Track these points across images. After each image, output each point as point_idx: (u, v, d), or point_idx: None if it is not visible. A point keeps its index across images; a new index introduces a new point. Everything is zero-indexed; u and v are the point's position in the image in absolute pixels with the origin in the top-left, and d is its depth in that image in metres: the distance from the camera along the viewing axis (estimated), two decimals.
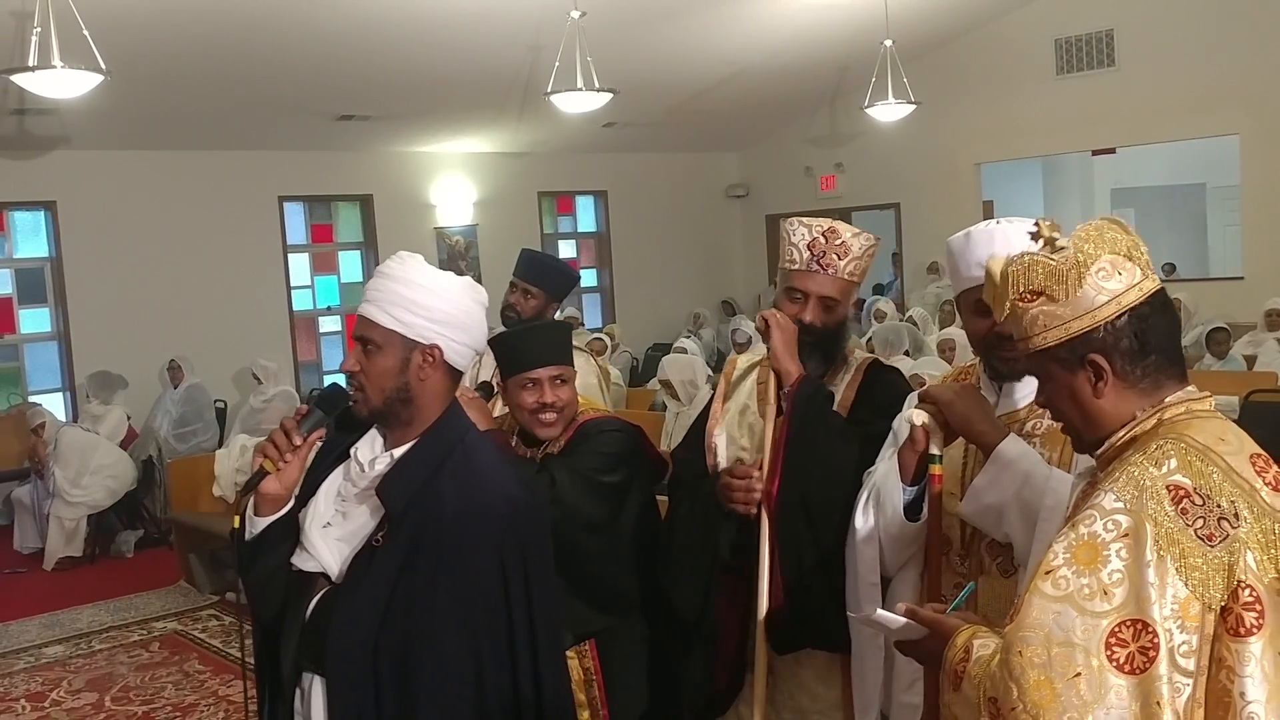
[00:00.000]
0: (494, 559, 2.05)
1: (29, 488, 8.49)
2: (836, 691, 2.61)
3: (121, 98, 7.95)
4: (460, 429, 2.18)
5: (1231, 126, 10.97)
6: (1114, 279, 1.60)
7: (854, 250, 2.66)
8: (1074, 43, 11.69)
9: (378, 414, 2.13)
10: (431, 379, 2.12)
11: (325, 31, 8.40)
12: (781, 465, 2.53)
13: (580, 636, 2.83)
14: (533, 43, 9.04)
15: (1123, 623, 1.43)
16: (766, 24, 10.18)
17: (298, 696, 2.15)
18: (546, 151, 13.10)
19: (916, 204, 13.27)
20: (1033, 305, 1.63)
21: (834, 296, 2.65)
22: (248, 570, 2.18)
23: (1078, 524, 1.51)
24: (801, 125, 14.00)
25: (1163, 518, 1.46)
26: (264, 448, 2.15)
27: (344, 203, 12.19)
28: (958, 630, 1.66)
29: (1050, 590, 1.48)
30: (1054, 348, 1.62)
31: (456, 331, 2.13)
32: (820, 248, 2.65)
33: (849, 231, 2.68)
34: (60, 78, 6.04)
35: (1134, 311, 1.60)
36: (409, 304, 2.09)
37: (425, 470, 2.09)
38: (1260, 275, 10.77)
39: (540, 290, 4.34)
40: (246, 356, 10.03)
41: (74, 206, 10.13)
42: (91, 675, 5.92)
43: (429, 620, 2.02)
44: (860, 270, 2.70)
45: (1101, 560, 1.46)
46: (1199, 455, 1.52)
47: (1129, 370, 1.60)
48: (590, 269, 14.32)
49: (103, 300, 10.20)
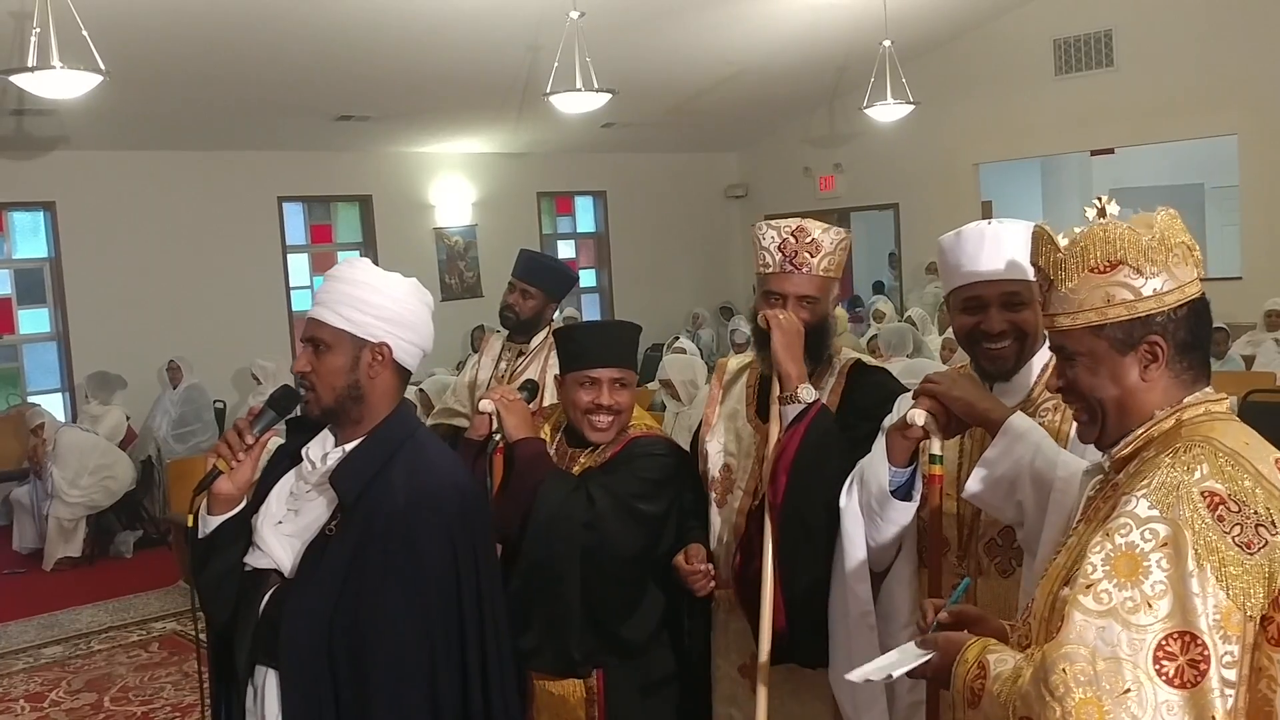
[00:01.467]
0: (445, 544, 2.08)
1: (28, 488, 8.49)
2: (827, 706, 2.59)
3: (120, 98, 7.95)
4: (410, 425, 2.22)
5: (1230, 127, 10.97)
6: (1181, 269, 1.59)
7: (825, 246, 2.65)
8: (1073, 43, 11.70)
9: (329, 413, 2.17)
10: (381, 377, 2.16)
11: (324, 32, 8.40)
12: (786, 483, 2.48)
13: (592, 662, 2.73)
14: (532, 43, 9.04)
15: (1170, 635, 1.40)
16: (765, 24, 10.18)
17: (250, 694, 2.15)
18: (546, 152, 13.10)
19: (915, 204, 13.27)
20: (1108, 276, 1.59)
21: (812, 294, 2.64)
22: (200, 570, 2.21)
23: (1112, 533, 1.47)
24: (800, 125, 14.00)
25: (1201, 525, 1.43)
26: (217, 447, 2.20)
27: (343, 203, 12.19)
28: (966, 645, 1.62)
29: (1092, 605, 1.43)
30: (1112, 325, 1.58)
31: (404, 330, 2.17)
32: (791, 248, 2.64)
33: (818, 228, 2.67)
34: (59, 78, 6.04)
35: (1193, 305, 1.59)
36: (357, 303, 2.14)
37: (377, 462, 2.12)
38: (1259, 275, 10.77)
39: (539, 290, 4.33)
40: (245, 357, 10.04)
41: (73, 207, 10.13)
42: (90, 676, 5.92)
43: (382, 608, 2.04)
44: (835, 265, 2.68)
45: (1143, 572, 1.43)
46: (1229, 460, 1.49)
47: (1178, 360, 1.59)
48: (589, 269, 14.32)
49: (102, 301, 10.20)
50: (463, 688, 2.08)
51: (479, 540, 2.14)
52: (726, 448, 2.79)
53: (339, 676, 2.04)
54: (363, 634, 2.03)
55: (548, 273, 4.55)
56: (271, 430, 2.20)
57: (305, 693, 2.04)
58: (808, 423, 2.50)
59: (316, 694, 2.04)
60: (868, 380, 2.68)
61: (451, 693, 2.07)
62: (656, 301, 14.06)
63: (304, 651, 2.04)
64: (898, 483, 2.22)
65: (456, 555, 2.08)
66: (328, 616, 2.04)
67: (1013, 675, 1.51)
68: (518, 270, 4.46)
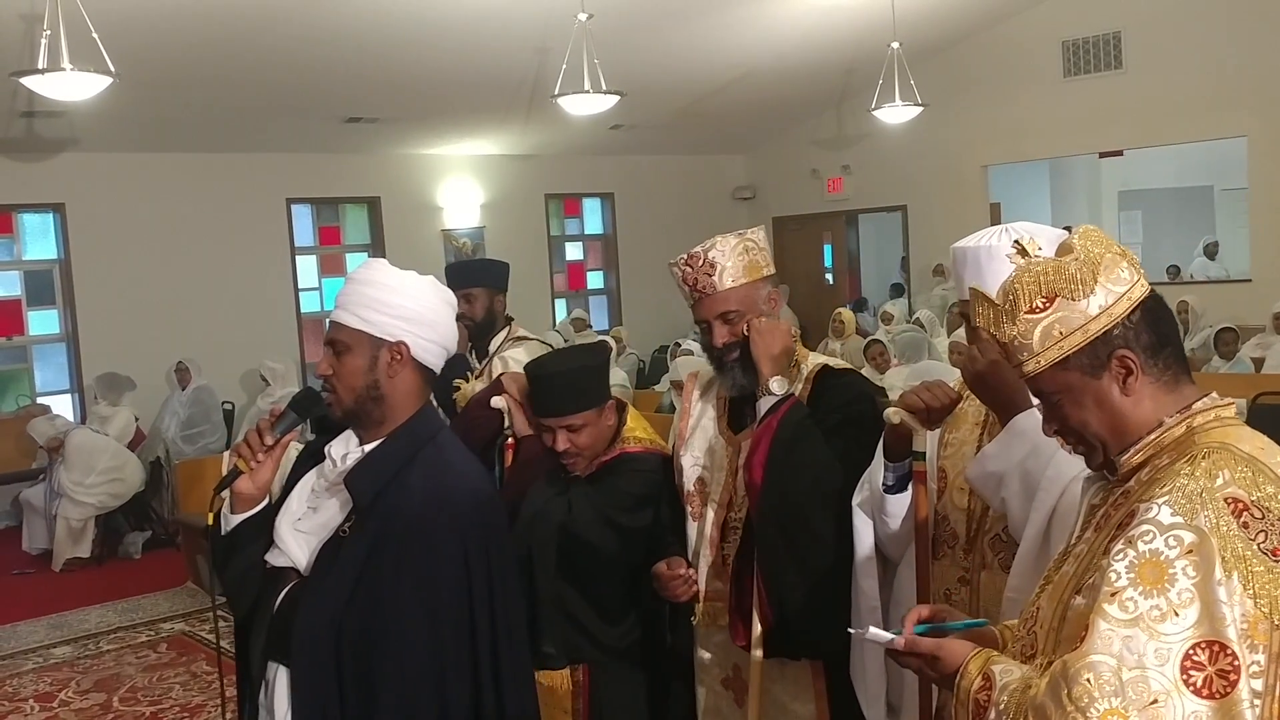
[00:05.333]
0: (458, 548, 2.08)
1: (39, 488, 8.52)
2: (811, 706, 2.62)
3: (130, 100, 7.98)
4: (432, 427, 2.22)
5: (1239, 128, 10.94)
6: (1120, 276, 1.59)
7: (719, 259, 2.64)
8: (1081, 45, 11.67)
9: (350, 414, 2.17)
10: (401, 376, 2.16)
11: (333, 34, 8.42)
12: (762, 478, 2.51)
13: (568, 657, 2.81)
14: (540, 45, 9.05)
15: (1197, 644, 1.37)
16: (773, 26, 10.18)
17: (263, 689, 2.17)
18: (553, 154, 13.12)
19: (923, 206, 13.25)
20: (1046, 315, 1.59)
21: (729, 309, 2.64)
22: (224, 568, 2.24)
23: (1135, 540, 1.44)
24: (808, 127, 13.99)
25: (1226, 532, 1.41)
26: (238, 447, 2.21)
27: (351, 205, 12.21)
28: (968, 657, 1.61)
29: (1118, 614, 1.40)
30: (1074, 355, 1.58)
31: (422, 328, 2.17)
32: (690, 277, 2.67)
33: (710, 246, 2.67)
34: (69, 80, 6.06)
35: (1144, 305, 1.59)
36: (374, 303, 2.14)
37: (395, 464, 2.12)
38: (1268, 277, 10.73)
39: (478, 289, 4.33)
40: (254, 358, 10.07)
41: (83, 208, 10.16)
42: (99, 676, 5.94)
43: (393, 609, 2.04)
44: (744, 268, 2.65)
45: (1168, 579, 1.39)
46: (1248, 465, 1.47)
47: (1152, 364, 1.58)
48: (597, 271, 14.33)
49: (111, 302, 10.23)
50: (474, 692, 2.08)
51: (493, 544, 2.13)
52: (700, 461, 2.79)
53: (346, 676, 2.04)
54: (372, 635, 2.04)
55: (475, 270, 4.55)
56: (294, 432, 2.22)
57: (314, 690, 2.05)
58: (779, 416, 2.53)
59: (324, 692, 2.05)
60: (836, 382, 2.67)
61: (461, 696, 2.07)
62: (664, 303, 14.00)
63: (313, 650, 2.05)
64: (895, 477, 2.29)
65: (468, 559, 2.08)
66: (339, 616, 2.05)
67: (1021, 686, 1.49)
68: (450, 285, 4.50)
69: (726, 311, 2.64)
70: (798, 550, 2.49)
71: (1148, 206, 15.69)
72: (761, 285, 2.69)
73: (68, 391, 10.41)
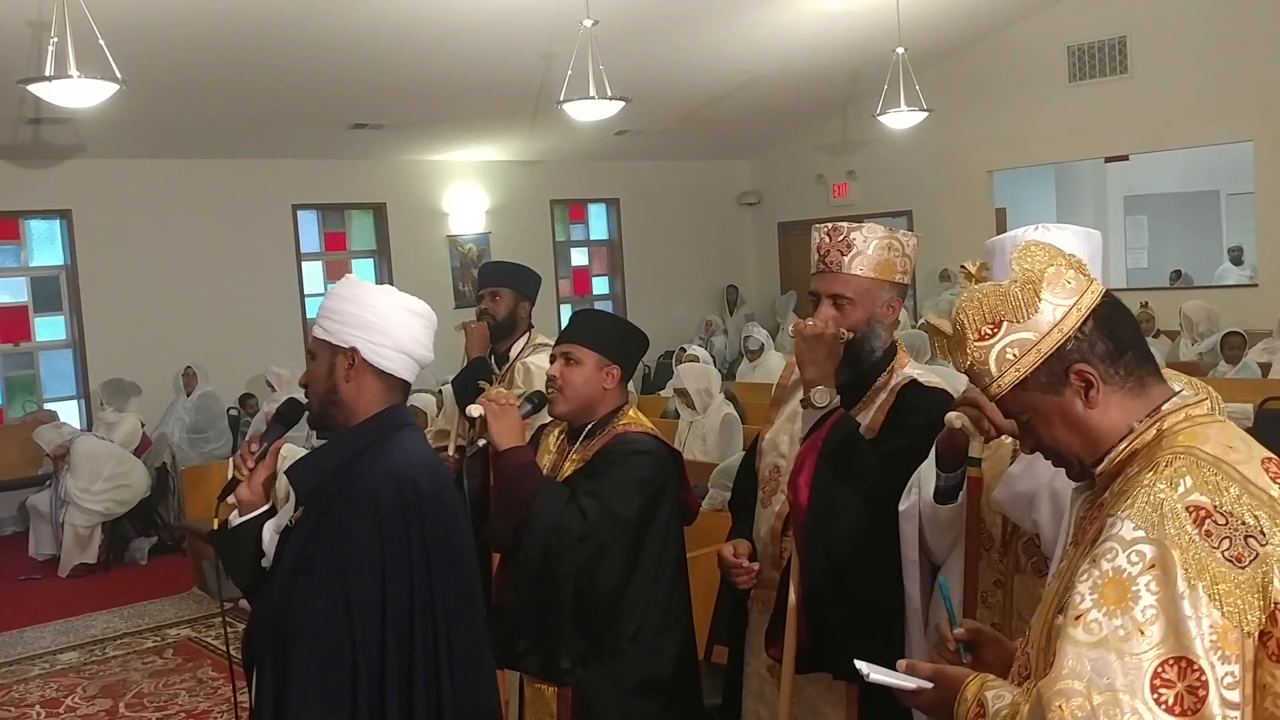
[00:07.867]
0: (371, 534, 2.10)
1: (46, 494, 8.53)
2: (843, 714, 2.60)
3: (137, 107, 8.00)
4: (387, 426, 2.26)
5: (1245, 133, 10.93)
6: (1065, 288, 1.58)
7: (858, 245, 2.58)
8: (1087, 50, 11.67)
9: (317, 417, 2.31)
10: (358, 381, 2.25)
11: (338, 41, 8.44)
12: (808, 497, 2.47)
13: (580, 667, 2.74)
14: (545, 51, 9.07)
15: (1165, 661, 1.36)
16: (778, 32, 10.19)
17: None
18: (559, 159, 13.13)
19: (929, 211, 13.23)
20: (996, 340, 1.59)
21: (845, 295, 2.58)
22: (228, 570, 2.38)
23: (1099, 559, 1.43)
24: (814, 133, 13.99)
25: (1188, 543, 1.39)
26: (235, 459, 2.39)
27: (357, 211, 12.23)
28: (965, 682, 1.60)
29: (1083, 636, 1.39)
30: (1031, 375, 1.58)
31: (373, 334, 2.25)
32: (825, 247, 2.62)
33: (856, 227, 2.62)
34: (76, 87, 6.07)
35: (1096, 313, 1.58)
36: (332, 313, 2.28)
37: (338, 457, 2.23)
38: (1275, 282, 10.71)
39: (505, 289, 4.35)
40: (260, 364, 10.08)
41: (89, 215, 10.19)
42: (105, 682, 5.94)
43: (304, 595, 2.10)
44: (878, 261, 2.59)
45: (1131, 597, 1.39)
46: (1212, 468, 1.45)
47: (1112, 372, 1.57)
48: (602, 276, 14.34)
49: (117, 308, 10.26)
50: (380, 683, 2.07)
51: (415, 535, 2.12)
52: (780, 449, 2.78)
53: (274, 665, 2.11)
54: (290, 622, 2.10)
55: (506, 271, 4.57)
56: (279, 441, 2.38)
57: (264, 684, 2.14)
58: (824, 433, 2.48)
59: (267, 685, 2.12)
60: (918, 400, 2.56)
61: (372, 686, 2.06)
62: (669, 308, 14.06)
63: (256, 644, 2.15)
64: (948, 486, 2.25)
65: (384, 547, 2.10)
66: (274, 609, 2.13)
67: (1010, 713, 1.48)
68: (481, 281, 4.53)
69: (841, 295, 2.58)
70: (839, 577, 2.45)
71: (1154, 211, 15.67)
72: (887, 288, 2.62)
73: (74, 398, 10.43)
